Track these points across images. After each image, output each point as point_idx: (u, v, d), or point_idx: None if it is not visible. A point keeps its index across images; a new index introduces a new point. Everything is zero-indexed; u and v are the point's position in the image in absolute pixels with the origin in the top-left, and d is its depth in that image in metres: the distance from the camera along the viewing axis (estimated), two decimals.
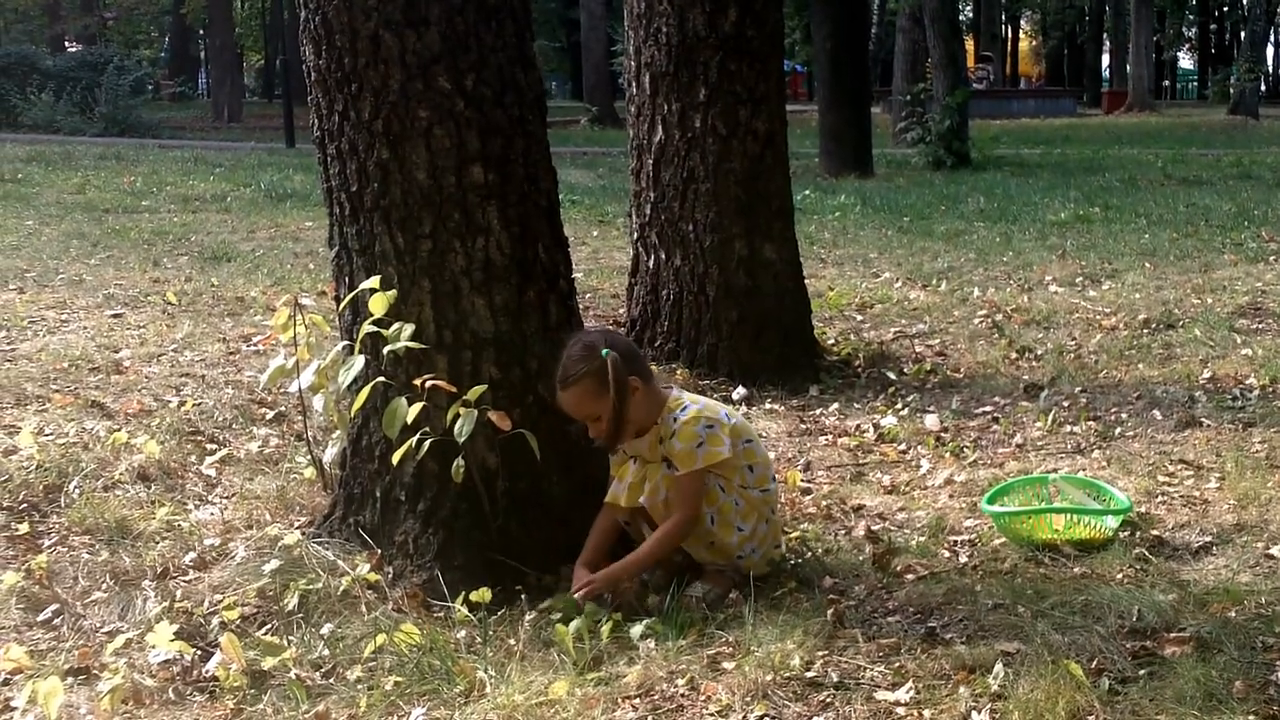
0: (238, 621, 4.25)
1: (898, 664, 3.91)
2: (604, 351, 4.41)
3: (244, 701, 3.83)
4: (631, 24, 7.75)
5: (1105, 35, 70.77)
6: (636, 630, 4.09)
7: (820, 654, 3.98)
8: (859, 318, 9.58)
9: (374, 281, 4.50)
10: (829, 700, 3.73)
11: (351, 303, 4.70)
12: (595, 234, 14.36)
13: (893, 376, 7.75)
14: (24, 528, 5.11)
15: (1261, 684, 3.73)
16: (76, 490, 5.47)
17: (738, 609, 4.31)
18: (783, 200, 7.93)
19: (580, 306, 5.26)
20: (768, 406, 7.12)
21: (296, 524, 5.10)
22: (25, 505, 5.37)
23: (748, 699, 3.72)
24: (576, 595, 4.35)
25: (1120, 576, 4.58)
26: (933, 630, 4.15)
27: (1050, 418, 6.69)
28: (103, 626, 4.32)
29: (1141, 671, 3.82)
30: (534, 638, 4.11)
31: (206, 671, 3.95)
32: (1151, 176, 21.73)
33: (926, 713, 3.64)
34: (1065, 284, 10.84)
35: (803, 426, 6.80)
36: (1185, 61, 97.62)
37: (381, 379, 4.58)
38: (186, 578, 4.67)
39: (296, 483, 5.56)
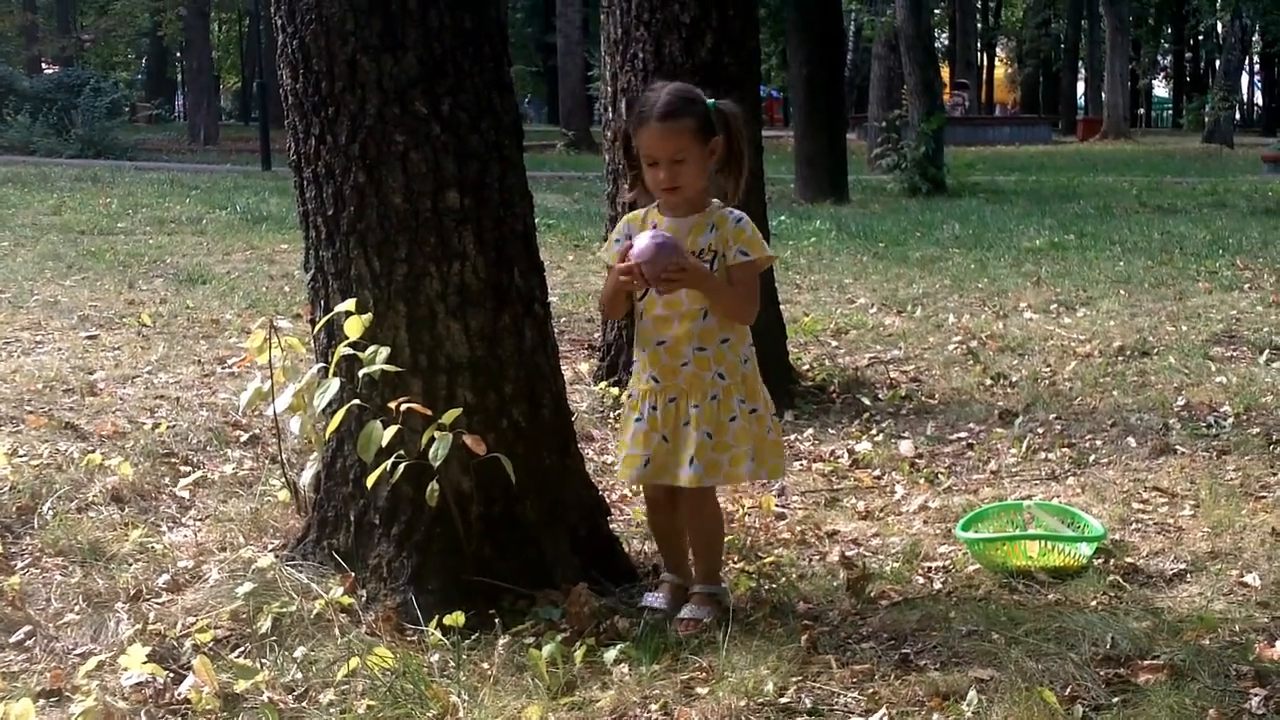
0: (210, 644, 4.23)
1: (871, 690, 3.91)
2: (711, 103, 4.48)
3: None
4: (608, 50, 7.76)
5: (1080, 63, 70.99)
6: (610, 655, 4.09)
7: (794, 680, 3.98)
8: (834, 343, 9.60)
9: (349, 305, 4.50)
10: None
11: (327, 326, 4.70)
12: (571, 258, 14.37)
13: (867, 402, 7.76)
14: None
15: (1235, 712, 3.74)
16: (50, 511, 5.45)
17: (711, 634, 4.31)
18: (758, 226, 7.92)
19: (556, 331, 5.25)
20: None
21: (270, 547, 5.09)
22: None
23: None
24: (667, 277, 4.35)
25: (1094, 603, 4.59)
26: (906, 656, 4.16)
27: (1025, 444, 6.71)
28: (75, 648, 4.30)
29: (1115, 699, 3.83)
30: (508, 661, 4.10)
31: (179, 694, 3.93)
32: (1126, 204, 21.82)
33: None
34: (1040, 311, 10.88)
35: None
36: (1160, 89, 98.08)
37: (356, 402, 4.57)
38: (159, 600, 4.65)
39: (270, 505, 5.55)
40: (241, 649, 4.26)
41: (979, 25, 70.46)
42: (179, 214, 18.07)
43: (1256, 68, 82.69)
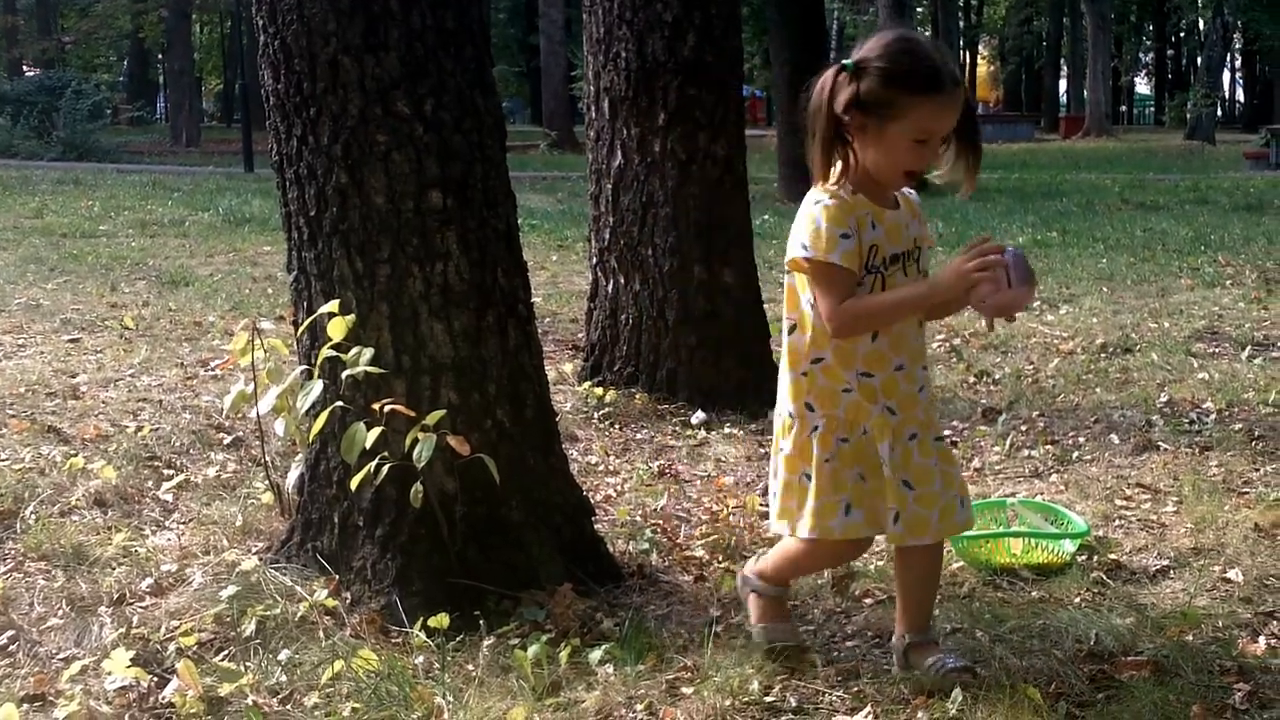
0: (195, 648, 4.22)
1: (856, 689, 3.92)
2: None
3: None
4: (591, 49, 7.76)
5: (1063, 60, 71.29)
6: (595, 655, 4.08)
7: (779, 679, 3.98)
8: None
9: (332, 306, 4.49)
10: None
11: (310, 327, 4.69)
12: (554, 258, 14.38)
13: None
14: None
15: (1219, 707, 3.75)
16: (32, 516, 5.43)
17: (695, 633, 4.31)
18: (742, 225, 7.93)
19: (539, 331, 5.25)
20: (727, 431, 7.12)
21: (254, 549, 5.08)
22: None
23: None
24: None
25: (1078, 600, 4.59)
26: (891, 654, 4.16)
27: (1008, 442, 6.72)
28: (59, 653, 4.29)
29: (1099, 695, 3.83)
30: (492, 663, 4.10)
31: (163, 698, 3.92)
32: (1109, 201, 21.87)
33: None
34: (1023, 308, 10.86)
35: (762, 451, 6.79)
36: (1142, 87, 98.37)
37: (340, 404, 4.56)
38: (143, 604, 4.64)
39: (254, 508, 5.54)
40: (226, 652, 4.25)
41: (961, 24, 70.56)
42: (161, 216, 18.06)
43: (1238, 64, 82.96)
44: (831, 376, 3.80)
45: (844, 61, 3.74)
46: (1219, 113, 57.76)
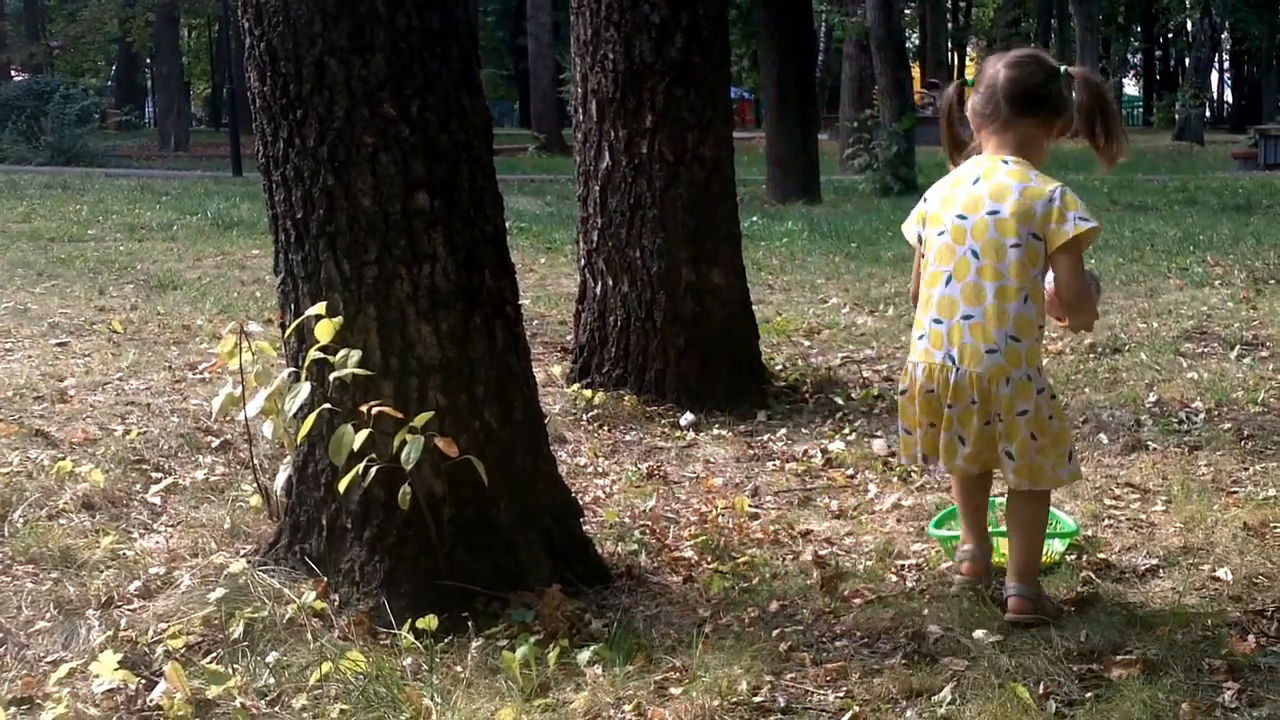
0: (182, 650, 4.21)
1: (845, 688, 3.92)
2: None
3: None
4: (578, 51, 7.76)
5: None
6: (584, 656, 4.08)
7: (768, 679, 3.98)
8: (806, 343, 9.60)
9: (320, 308, 4.48)
10: None
11: (297, 329, 4.68)
12: (543, 260, 14.36)
13: (840, 402, 7.75)
14: None
15: (1208, 706, 3.75)
16: (21, 519, 5.42)
17: (684, 633, 4.31)
18: (730, 226, 7.93)
19: (528, 333, 5.24)
20: (715, 432, 7.12)
21: (242, 552, 5.07)
22: None
23: None
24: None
25: (1067, 599, 4.59)
26: (880, 654, 4.16)
27: None
28: (46, 656, 4.28)
29: (1088, 694, 3.84)
30: (481, 664, 4.09)
31: (151, 701, 3.91)
32: (1097, 202, 21.84)
33: None
34: None
35: (750, 452, 6.79)
36: (1130, 87, 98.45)
37: (327, 406, 4.56)
38: (131, 606, 4.63)
39: (242, 511, 5.53)
40: (214, 655, 4.24)
41: (949, 25, 70.66)
42: (149, 220, 18.01)
43: (1226, 65, 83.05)
44: (1041, 341, 4.45)
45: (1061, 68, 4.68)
46: (1207, 113, 57.83)
